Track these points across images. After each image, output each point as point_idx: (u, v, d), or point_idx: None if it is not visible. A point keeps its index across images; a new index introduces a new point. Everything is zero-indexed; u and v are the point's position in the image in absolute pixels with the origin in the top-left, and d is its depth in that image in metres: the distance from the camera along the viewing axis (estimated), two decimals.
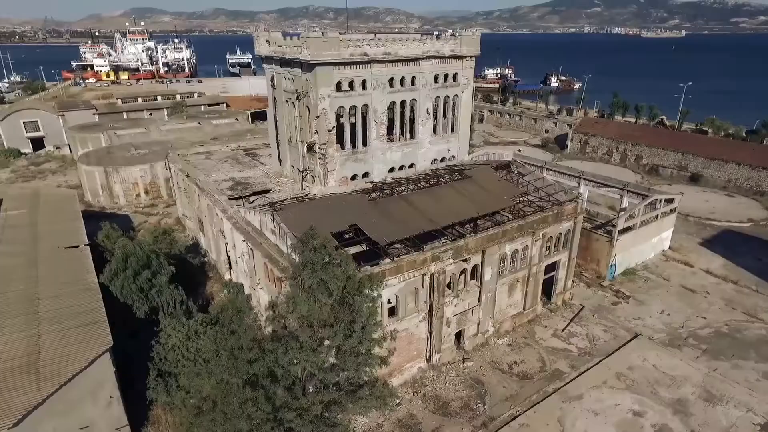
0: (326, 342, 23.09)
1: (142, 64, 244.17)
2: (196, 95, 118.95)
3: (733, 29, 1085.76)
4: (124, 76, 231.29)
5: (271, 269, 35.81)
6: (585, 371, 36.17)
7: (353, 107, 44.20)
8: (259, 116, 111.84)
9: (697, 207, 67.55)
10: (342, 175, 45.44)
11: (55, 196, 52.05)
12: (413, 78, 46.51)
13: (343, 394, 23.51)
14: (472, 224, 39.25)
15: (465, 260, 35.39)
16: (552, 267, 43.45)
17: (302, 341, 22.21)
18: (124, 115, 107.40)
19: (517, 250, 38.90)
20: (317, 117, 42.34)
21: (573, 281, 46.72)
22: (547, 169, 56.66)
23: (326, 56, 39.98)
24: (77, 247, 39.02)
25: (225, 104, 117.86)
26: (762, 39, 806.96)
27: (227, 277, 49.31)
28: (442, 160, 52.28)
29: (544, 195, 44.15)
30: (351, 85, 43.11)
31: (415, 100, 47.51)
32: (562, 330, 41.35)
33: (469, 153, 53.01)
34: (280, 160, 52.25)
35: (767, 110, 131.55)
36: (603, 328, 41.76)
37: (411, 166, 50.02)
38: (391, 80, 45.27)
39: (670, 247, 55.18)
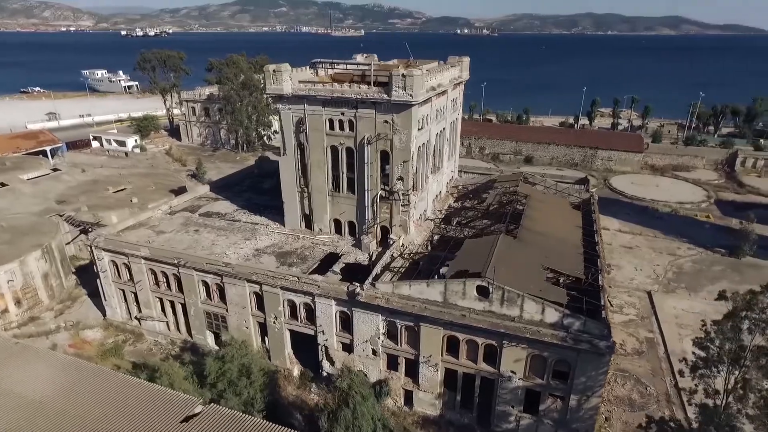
0: None
1: None
2: None
3: (392, 29, 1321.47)
4: None
5: (465, 340, 31.79)
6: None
7: (423, 144, 41.12)
8: None
9: None
10: (415, 218, 42.00)
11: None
12: (444, 106, 45.90)
13: None
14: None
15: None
16: None
17: None
18: None
19: None
20: (404, 161, 38.03)
21: None
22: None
23: (420, 95, 36.28)
24: (196, 415, 25.43)
25: None
26: (418, 36, 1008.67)
27: (296, 373, 39.13)
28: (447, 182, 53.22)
29: (563, 196, 51.05)
30: (421, 122, 39.98)
31: (444, 128, 47.06)
32: (611, 306, 49.62)
33: None
34: (307, 217, 43.48)
35: (511, 97, 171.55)
36: (625, 293, 51.95)
37: (440, 193, 49.47)
38: (437, 111, 43.75)
39: None
